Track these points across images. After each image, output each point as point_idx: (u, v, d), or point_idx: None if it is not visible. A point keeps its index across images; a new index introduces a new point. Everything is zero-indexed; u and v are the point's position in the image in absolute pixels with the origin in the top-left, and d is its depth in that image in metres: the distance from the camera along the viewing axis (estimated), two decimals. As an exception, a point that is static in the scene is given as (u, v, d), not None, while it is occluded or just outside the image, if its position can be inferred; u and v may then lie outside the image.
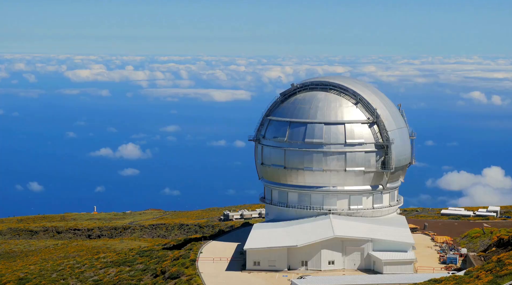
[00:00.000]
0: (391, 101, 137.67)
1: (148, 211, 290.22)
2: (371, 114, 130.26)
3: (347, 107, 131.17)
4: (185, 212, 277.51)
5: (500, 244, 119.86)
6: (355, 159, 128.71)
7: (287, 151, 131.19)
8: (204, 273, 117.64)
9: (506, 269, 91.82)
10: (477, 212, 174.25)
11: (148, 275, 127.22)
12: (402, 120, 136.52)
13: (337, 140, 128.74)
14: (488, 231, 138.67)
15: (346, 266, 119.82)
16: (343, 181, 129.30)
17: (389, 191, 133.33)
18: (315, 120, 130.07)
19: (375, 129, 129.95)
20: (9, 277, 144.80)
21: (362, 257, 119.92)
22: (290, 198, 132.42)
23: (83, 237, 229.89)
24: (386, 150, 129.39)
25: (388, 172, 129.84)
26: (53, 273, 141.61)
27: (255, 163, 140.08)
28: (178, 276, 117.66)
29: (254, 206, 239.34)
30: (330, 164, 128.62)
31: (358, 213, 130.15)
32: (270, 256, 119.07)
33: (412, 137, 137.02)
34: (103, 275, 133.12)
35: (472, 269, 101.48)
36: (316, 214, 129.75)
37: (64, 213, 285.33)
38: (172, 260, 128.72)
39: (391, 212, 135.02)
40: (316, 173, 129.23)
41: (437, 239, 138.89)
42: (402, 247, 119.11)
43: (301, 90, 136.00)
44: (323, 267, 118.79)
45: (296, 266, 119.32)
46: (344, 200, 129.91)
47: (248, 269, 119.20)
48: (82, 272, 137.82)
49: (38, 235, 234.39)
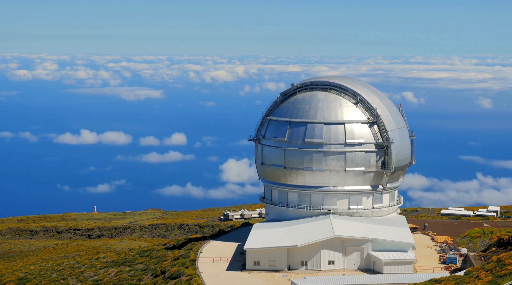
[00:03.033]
0: (391, 101, 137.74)
1: (148, 211, 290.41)
2: (371, 114, 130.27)
3: (347, 107, 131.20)
4: (185, 212, 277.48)
5: (500, 244, 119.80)
6: (355, 159, 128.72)
7: (287, 150, 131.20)
8: (204, 273, 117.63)
9: (506, 269, 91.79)
10: (477, 212, 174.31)
11: (148, 275, 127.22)
12: (402, 120, 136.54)
13: (337, 140, 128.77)
14: (488, 231, 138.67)
15: (346, 266, 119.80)
16: (343, 181, 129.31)
17: (389, 191, 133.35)
18: (315, 120, 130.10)
19: (375, 129, 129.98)
20: (9, 277, 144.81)
21: (362, 257, 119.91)
22: (290, 198, 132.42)
23: (83, 237, 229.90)
24: (386, 149, 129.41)
25: (388, 172, 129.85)
26: (53, 273, 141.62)
27: (255, 162, 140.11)
28: (178, 276, 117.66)
29: (254, 206, 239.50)
30: (330, 164, 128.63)
31: (358, 213, 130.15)
32: (270, 256, 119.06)
33: (412, 137, 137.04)
34: (103, 275, 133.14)
35: (472, 269, 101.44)
36: (316, 214, 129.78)
37: (64, 213, 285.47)
38: (172, 260, 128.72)
39: (391, 212, 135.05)
40: (316, 173, 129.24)
41: (437, 239, 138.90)
42: (402, 247, 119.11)
43: (301, 90, 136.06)
44: (323, 267, 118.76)
45: (296, 266, 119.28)
46: (344, 200, 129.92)
47: (248, 269, 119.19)
48: (82, 272, 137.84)
49: (38, 235, 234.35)
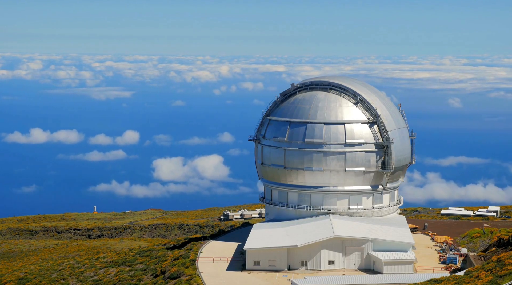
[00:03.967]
0: (391, 101, 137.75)
1: (148, 211, 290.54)
2: (371, 114, 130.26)
3: (347, 107, 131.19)
4: (185, 212, 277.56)
5: (500, 244, 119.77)
6: (355, 158, 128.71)
7: (287, 150, 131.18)
8: (204, 273, 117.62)
9: (506, 269, 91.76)
10: (477, 212, 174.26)
11: (148, 275, 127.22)
12: (402, 120, 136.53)
13: (337, 140, 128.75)
14: (488, 231, 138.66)
15: (346, 266, 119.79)
16: (343, 181, 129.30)
17: (389, 191, 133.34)
18: (315, 120, 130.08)
19: (375, 129, 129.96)
20: (9, 277, 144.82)
21: (362, 257, 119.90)
22: (290, 198, 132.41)
23: (83, 237, 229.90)
24: (386, 149, 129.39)
25: (388, 172, 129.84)
26: (53, 273, 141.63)
27: (255, 162, 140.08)
28: (178, 276, 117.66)
29: (254, 206, 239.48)
30: (330, 164, 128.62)
31: (358, 213, 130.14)
32: (270, 256, 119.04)
33: (412, 137, 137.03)
34: (103, 275, 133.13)
35: (472, 269, 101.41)
36: (316, 214, 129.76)
37: (64, 213, 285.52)
38: (172, 260, 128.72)
39: (391, 212, 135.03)
40: (316, 173, 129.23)
41: (437, 239, 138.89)
42: (402, 247, 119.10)
43: (301, 90, 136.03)
44: (323, 267, 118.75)
45: (296, 266, 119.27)
46: (344, 200, 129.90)
47: (248, 269, 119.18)
48: (82, 272, 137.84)
49: (38, 235, 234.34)
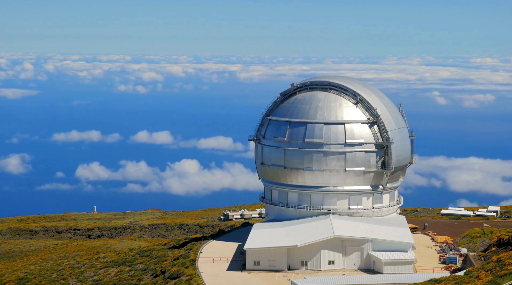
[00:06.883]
0: (391, 101, 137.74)
1: (148, 211, 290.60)
2: (371, 114, 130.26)
3: (347, 107, 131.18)
4: (185, 212, 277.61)
5: (500, 244, 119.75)
6: (355, 159, 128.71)
7: (287, 150, 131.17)
8: (204, 273, 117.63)
9: (506, 269, 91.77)
10: (477, 212, 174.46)
11: (148, 275, 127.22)
12: (402, 120, 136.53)
13: (337, 140, 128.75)
14: (488, 231, 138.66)
15: (346, 266, 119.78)
16: (343, 181, 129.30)
17: (389, 191, 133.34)
18: (315, 120, 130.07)
19: (375, 129, 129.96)
20: (9, 277, 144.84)
21: (362, 257, 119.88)
22: (290, 198, 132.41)
23: (83, 237, 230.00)
24: (386, 150, 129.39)
25: (388, 172, 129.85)
26: (53, 273, 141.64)
27: (255, 162, 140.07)
28: (178, 276, 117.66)
29: (254, 206, 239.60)
30: (330, 164, 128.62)
31: (358, 213, 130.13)
32: (270, 256, 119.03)
33: (412, 137, 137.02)
34: (103, 275, 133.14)
35: (472, 269, 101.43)
36: (316, 214, 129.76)
37: (64, 213, 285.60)
38: (172, 260, 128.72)
39: (391, 212, 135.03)
40: (316, 173, 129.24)
41: (437, 239, 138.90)
42: (402, 247, 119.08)
43: (301, 90, 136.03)
44: (323, 267, 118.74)
45: (296, 266, 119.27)
46: (344, 200, 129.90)
47: (248, 269, 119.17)
48: (82, 272, 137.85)
49: (38, 235, 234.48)
